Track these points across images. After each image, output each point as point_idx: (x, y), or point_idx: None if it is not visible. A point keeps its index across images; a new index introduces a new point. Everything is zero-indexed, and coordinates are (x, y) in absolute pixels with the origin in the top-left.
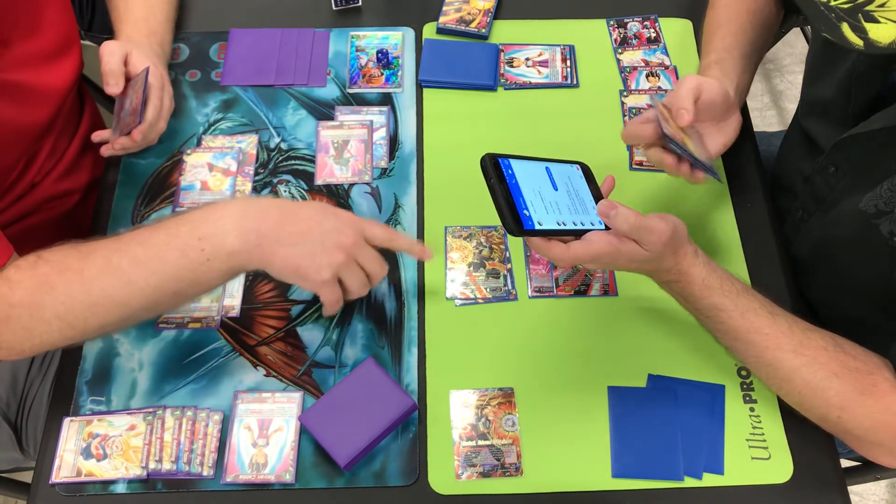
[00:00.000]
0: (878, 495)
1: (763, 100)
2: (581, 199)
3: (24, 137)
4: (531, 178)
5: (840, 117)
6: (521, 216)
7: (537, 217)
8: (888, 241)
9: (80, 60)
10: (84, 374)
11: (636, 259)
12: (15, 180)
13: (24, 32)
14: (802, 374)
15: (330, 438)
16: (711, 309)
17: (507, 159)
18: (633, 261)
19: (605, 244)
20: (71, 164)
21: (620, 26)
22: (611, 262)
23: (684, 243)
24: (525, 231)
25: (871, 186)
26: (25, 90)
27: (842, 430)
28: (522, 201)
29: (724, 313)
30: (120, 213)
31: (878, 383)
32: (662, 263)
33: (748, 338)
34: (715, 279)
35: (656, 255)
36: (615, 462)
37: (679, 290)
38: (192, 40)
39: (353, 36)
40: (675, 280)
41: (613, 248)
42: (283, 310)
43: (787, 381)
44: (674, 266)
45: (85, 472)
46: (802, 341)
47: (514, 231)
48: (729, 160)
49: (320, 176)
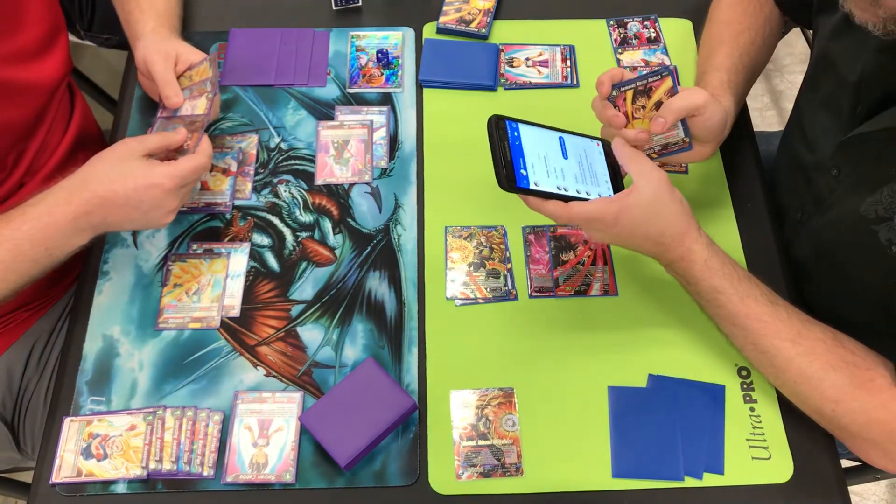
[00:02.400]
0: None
1: (763, 100)
2: (594, 171)
3: (9, 135)
4: (539, 143)
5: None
6: (517, 174)
7: (535, 178)
8: (886, 248)
9: (67, 56)
10: (84, 374)
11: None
12: (2, 180)
13: (5, 28)
14: (799, 364)
15: (330, 438)
16: (711, 291)
17: (515, 122)
18: (635, 219)
19: (605, 202)
20: (61, 163)
21: (620, 26)
22: (611, 227)
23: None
24: (518, 188)
25: (872, 191)
26: (9, 87)
27: (836, 425)
28: (522, 161)
29: (723, 296)
30: None
31: (875, 379)
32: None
33: (746, 324)
34: (717, 262)
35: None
36: (615, 462)
37: (682, 271)
38: (192, 40)
39: (353, 36)
40: (679, 257)
41: (613, 207)
42: (283, 310)
43: (784, 371)
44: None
45: (85, 472)
46: (801, 331)
47: (504, 186)
48: (729, 160)
49: (320, 176)
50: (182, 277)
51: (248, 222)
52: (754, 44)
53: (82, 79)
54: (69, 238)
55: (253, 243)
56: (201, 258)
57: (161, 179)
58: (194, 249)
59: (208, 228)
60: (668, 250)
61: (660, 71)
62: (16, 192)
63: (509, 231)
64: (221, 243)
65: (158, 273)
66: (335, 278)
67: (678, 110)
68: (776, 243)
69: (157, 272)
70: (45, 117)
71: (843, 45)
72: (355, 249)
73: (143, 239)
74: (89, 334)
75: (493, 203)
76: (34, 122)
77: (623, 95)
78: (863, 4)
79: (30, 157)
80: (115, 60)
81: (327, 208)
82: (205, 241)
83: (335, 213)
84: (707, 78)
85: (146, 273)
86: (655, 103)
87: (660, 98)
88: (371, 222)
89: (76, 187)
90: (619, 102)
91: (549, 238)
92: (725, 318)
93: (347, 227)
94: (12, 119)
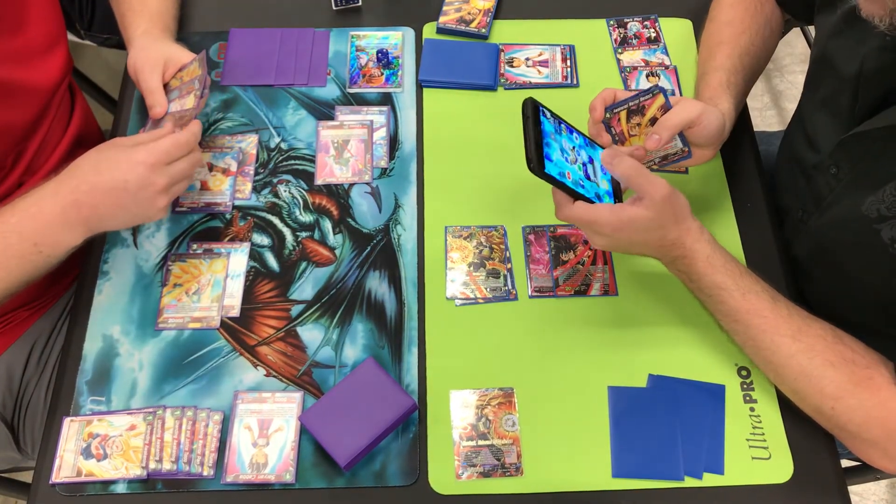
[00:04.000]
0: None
1: (763, 100)
2: (598, 177)
3: (9, 135)
4: (563, 137)
5: (845, 118)
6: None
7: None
8: (889, 247)
9: (67, 57)
10: (84, 374)
11: (639, 227)
12: (2, 179)
13: (7, 28)
14: (799, 360)
15: (330, 438)
16: (714, 287)
17: (548, 111)
18: (638, 229)
19: (608, 210)
20: (61, 163)
21: (620, 26)
22: (613, 233)
23: (687, 216)
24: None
25: (873, 190)
26: (10, 87)
27: (835, 424)
28: (550, 150)
29: (725, 292)
30: None
31: (875, 377)
32: (667, 234)
33: (747, 319)
34: (719, 258)
35: (657, 215)
36: (615, 462)
37: (685, 268)
38: (192, 40)
39: (353, 36)
40: (681, 256)
41: (616, 216)
42: (283, 310)
43: (784, 367)
44: (678, 238)
45: (85, 472)
46: (801, 328)
47: (534, 169)
48: (729, 160)
49: (320, 176)
50: (182, 277)
51: (247, 222)
52: (755, 44)
53: (82, 79)
54: (58, 233)
55: (253, 243)
56: (201, 258)
57: (141, 155)
58: (194, 249)
59: (208, 228)
60: (670, 251)
61: (651, 90)
62: (14, 191)
63: (509, 231)
64: (221, 243)
65: (158, 273)
66: (335, 278)
67: (673, 127)
68: (776, 243)
69: (157, 272)
70: (46, 117)
71: (842, 43)
72: (355, 249)
73: (143, 239)
74: (89, 334)
75: (493, 203)
76: (34, 123)
77: (617, 116)
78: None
79: (29, 156)
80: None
81: (327, 208)
82: (205, 241)
83: (335, 213)
84: (707, 79)
85: (146, 273)
86: (650, 119)
87: (654, 115)
88: (371, 222)
89: (63, 178)
90: (613, 123)
91: (549, 238)
92: (727, 314)
93: (347, 227)
94: (13, 120)
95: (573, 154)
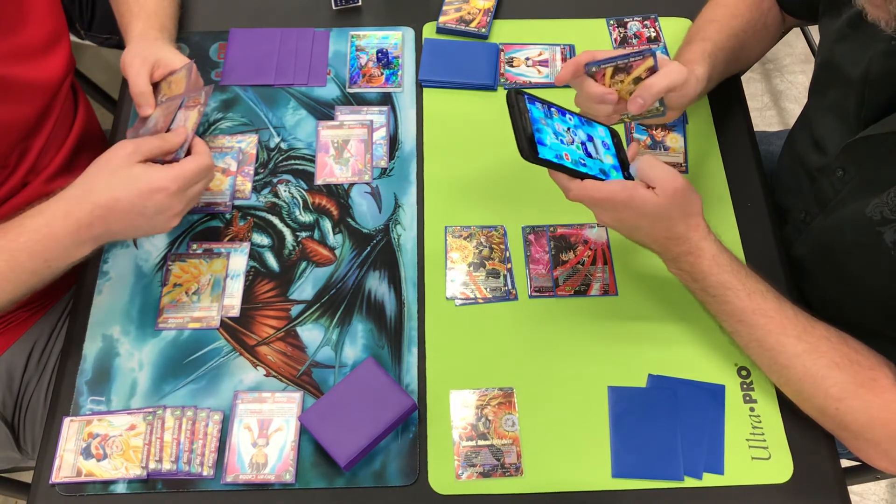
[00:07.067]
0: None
1: (763, 100)
2: (603, 155)
3: (11, 133)
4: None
5: (851, 122)
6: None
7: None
8: (891, 250)
9: (69, 55)
10: (84, 374)
11: (648, 211)
12: (4, 178)
13: (8, 26)
14: (804, 361)
15: (330, 438)
16: (719, 287)
17: (534, 98)
18: (646, 214)
19: (620, 186)
20: (64, 164)
21: (620, 26)
22: (621, 210)
23: (697, 212)
24: (540, 159)
25: (877, 192)
26: (12, 84)
27: (838, 424)
28: (542, 134)
29: (731, 292)
30: None
31: (879, 378)
32: (674, 226)
33: (753, 319)
34: (725, 258)
35: (667, 203)
36: (615, 462)
37: (688, 266)
38: (192, 40)
39: (353, 36)
40: (686, 252)
41: (627, 193)
42: (283, 310)
43: (788, 368)
44: (685, 233)
45: (85, 472)
46: (806, 328)
47: (527, 155)
48: (729, 160)
49: (320, 176)
50: (182, 277)
51: (247, 222)
52: (745, 31)
53: (82, 78)
54: (69, 250)
55: (253, 243)
56: (201, 258)
57: (164, 182)
58: (194, 249)
59: (208, 228)
60: (676, 245)
61: (642, 52)
62: (20, 191)
63: (509, 231)
64: (221, 243)
65: (158, 273)
66: (335, 278)
67: (658, 93)
68: (776, 243)
69: (156, 272)
70: (49, 116)
71: (848, 48)
72: (355, 249)
73: (143, 239)
74: (89, 334)
75: (493, 203)
76: (37, 121)
77: (602, 71)
78: (876, 0)
79: (33, 155)
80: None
81: (327, 208)
82: (204, 240)
83: (335, 213)
84: (692, 46)
85: (146, 273)
86: (634, 79)
87: (640, 74)
88: (371, 222)
89: (76, 199)
90: (598, 78)
91: (549, 238)
92: (731, 314)
93: (347, 227)
94: (15, 117)
95: (569, 135)
